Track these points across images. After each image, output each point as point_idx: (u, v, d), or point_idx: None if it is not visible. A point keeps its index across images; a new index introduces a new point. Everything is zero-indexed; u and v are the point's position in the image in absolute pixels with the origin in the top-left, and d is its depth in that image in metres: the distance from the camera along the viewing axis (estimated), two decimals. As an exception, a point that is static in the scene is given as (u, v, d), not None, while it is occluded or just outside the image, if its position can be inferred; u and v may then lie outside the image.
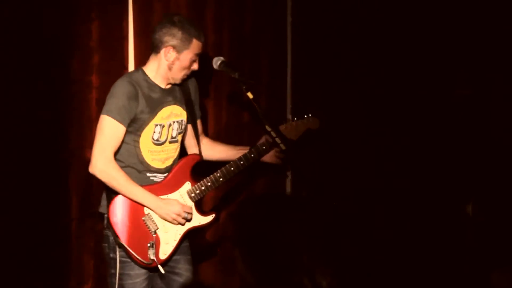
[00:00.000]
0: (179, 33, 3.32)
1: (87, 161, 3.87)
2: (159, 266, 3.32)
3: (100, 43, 3.89)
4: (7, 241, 3.62)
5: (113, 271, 3.35)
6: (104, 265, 3.56)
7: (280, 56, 4.70)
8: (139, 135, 3.33)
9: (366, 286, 4.30)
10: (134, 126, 3.32)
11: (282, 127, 3.56)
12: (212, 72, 4.02)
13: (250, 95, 3.34)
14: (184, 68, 3.38)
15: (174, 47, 3.32)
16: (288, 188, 4.66)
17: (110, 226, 3.30)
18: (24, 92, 3.70)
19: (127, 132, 3.31)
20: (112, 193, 3.34)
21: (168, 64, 3.35)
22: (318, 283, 1.98)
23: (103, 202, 3.40)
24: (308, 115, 3.67)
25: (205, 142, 3.67)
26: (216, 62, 3.46)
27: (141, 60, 3.97)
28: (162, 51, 3.34)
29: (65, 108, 3.85)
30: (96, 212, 3.51)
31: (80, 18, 3.84)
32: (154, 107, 3.35)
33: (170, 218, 3.33)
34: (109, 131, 3.27)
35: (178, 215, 3.34)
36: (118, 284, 3.34)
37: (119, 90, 3.29)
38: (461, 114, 4.64)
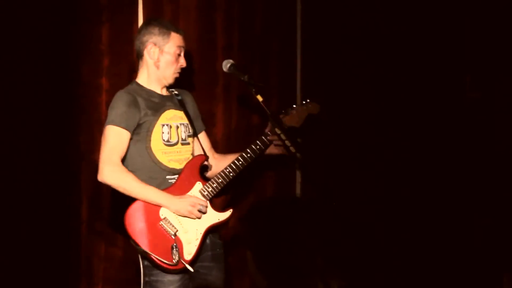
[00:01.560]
0: (155, 29, 3.35)
1: (97, 164, 3.89)
2: (187, 266, 3.27)
3: (110, 46, 3.90)
4: (18, 243, 3.63)
5: (146, 279, 3.31)
6: (114, 267, 3.56)
7: (289, 59, 4.70)
8: (149, 140, 3.31)
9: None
10: (142, 131, 3.30)
11: (283, 117, 3.55)
12: (222, 75, 4.03)
13: (259, 97, 3.32)
14: (171, 64, 3.37)
15: (154, 43, 3.34)
16: (298, 191, 4.65)
17: (129, 236, 3.25)
18: (34, 95, 3.71)
19: (137, 140, 3.30)
20: (123, 206, 3.29)
21: (154, 62, 3.36)
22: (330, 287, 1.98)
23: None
24: (307, 101, 3.64)
25: (217, 156, 3.63)
26: (226, 65, 3.45)
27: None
28: (145, 52, 3.36)
29: (74, 111, 3.86)
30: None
31: (90, 21, 3.86)
32: (156, 109, 3.34)
33: (186, 212, 3.29)
34: (112, 138, 3.25)
35: (193, 206, 3.28)
36: None
37: (118, 101, 3.29)
38: (471, 117, 4.63)
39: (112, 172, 3.22)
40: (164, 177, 3.36)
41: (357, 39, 4.77)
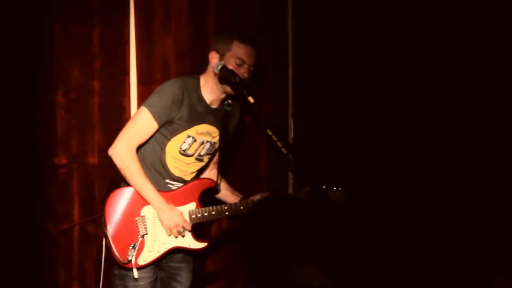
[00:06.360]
0: (221, 37, 3.36)
1: (89, 167, 3.89)
2: (134, 270, 3.27)
3: (102, 48, 3.90)
4: (9, 245, 3.63)
5: (116, 272, 3.35)
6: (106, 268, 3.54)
7: (281, 60, 4.71)
8: (169, 140, 3.33)
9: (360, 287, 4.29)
10: (168, 130, 3.31)
11: (306, 189, 3.53)
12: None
13: (251, 99, 3.31)
14: None
15: (217, 50, 3.34)
16: (290, 191, 4.67)
17: (103, 213, 3.27)
18: (26, 98, 3.71)
19: (159, 133, 3.31)
20: (118, 183, 3.33)
21: (214, 69, 3.34)
22: (311, 285, 1.98)
23: None
24: (337, 189, 3.60)
25: (213, 172, 3.65)
26: (217, 66, 3.43)
27: (143, 65, 3.99)
28: (209, 58, 3.36)
29: (67, 114, 3.85)
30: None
31: (82, 24, 3.85)
32: (193, 119, 3.34)
33: (166, 224, 3.29)
34: (142, 123, 3.26)
35: (176, 226, 3.29)
36: (121, 285, 3.34)
37: (167, 91, 3.28)
38: (463, 116, 4.64)
39: (124, 153, 3.23)
40: (163, 179, 3.38)
41: (348, 40, 4.79)
